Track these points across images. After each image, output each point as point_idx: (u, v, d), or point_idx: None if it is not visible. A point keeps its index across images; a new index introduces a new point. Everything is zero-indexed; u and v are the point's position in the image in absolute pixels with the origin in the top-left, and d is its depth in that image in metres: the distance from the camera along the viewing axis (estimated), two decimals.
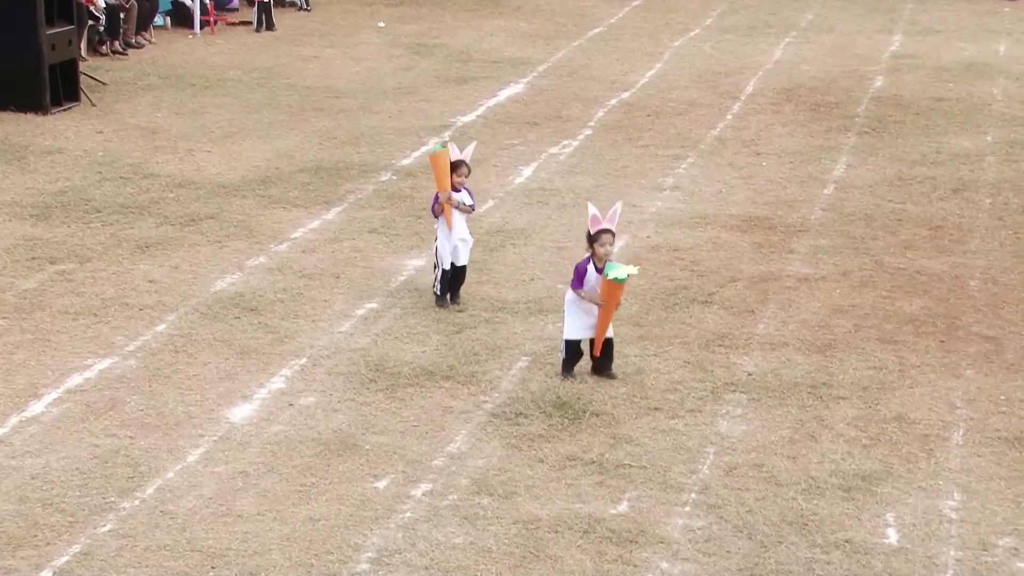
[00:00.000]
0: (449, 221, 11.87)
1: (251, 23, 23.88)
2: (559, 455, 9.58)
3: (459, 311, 11.97)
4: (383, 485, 9.16)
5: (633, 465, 9.46)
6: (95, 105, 18.49)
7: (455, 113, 18.68)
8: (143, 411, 10.12)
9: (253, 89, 19.72)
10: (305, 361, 11.02)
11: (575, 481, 9.25)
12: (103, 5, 21.35)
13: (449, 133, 17.60)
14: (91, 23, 21.16)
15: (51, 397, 10.32)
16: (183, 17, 23.76)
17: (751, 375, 10.91)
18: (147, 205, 14.65)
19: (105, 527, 8.58)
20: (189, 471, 9.29)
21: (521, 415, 10.14)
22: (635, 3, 27.29)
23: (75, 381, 10.59)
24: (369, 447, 9.65)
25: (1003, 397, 10.65)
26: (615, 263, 10.60)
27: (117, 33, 21.60)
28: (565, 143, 17.42)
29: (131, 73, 20.41)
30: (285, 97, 19.29)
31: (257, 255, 13.31)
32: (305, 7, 25.77)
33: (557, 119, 18.53)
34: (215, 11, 23.99)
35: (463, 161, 11.86)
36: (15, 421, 9.93)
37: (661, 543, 8.53)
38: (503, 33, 24.10)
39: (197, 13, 23.47)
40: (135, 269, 12.88)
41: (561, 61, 22.08)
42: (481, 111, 18.86)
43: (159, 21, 23.36)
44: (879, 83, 20.77)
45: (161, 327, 11.60)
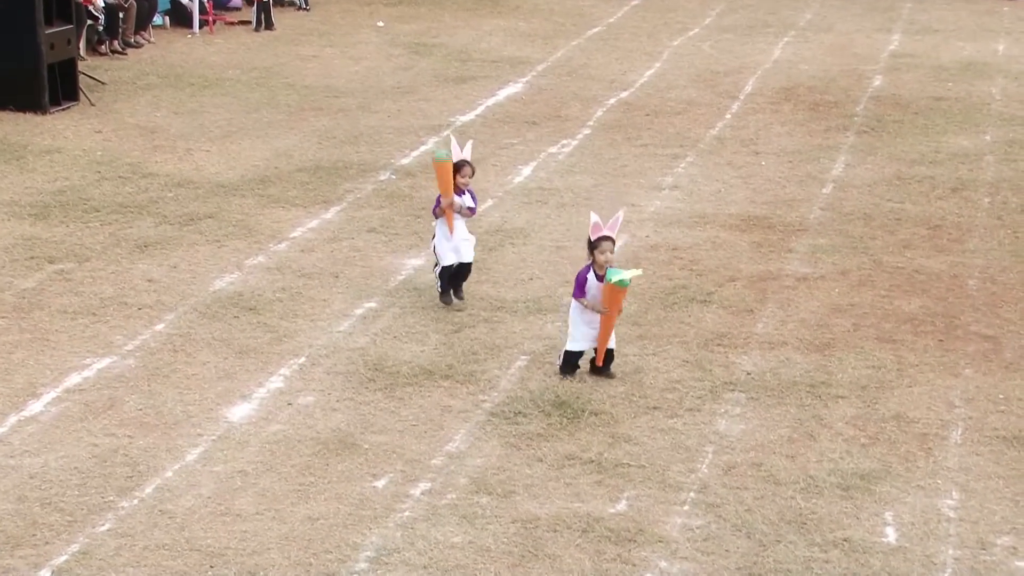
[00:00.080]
0: (450, 224, 11.87)
1: (250, 22, 23.88)
2: (558, 454, 9.58)
3: (459, 310, 11.97)
4: (382, 484, 9.16)
5: (632, 464, 9.46)
6: (94, 105, 18.49)
7: (454, 112, 18.68)
8: (142, 410, 10.12)
9: (252, 88, 19.72)
10: (304, 360, 11.02)
11: (574, 480, 9.25)
12: (102, 5, 21.34)
13: (447, 132, 17.61)
14: (90, 23, 21.15)
15: (50, 396, 10.32)
16: (182, 17, 23.75)
17: (750, 374, 10.92)
18: (146, 204, 14.65)
19: (104, 526, 8.58)
20: (188, 470, 9.29)
21: (520, 414, 10.14)
22: (634, 2, 27.29)
23: (74, 380, 10.59)
24: (368, 446, 9.65)
25: (1001, 396, 10.65)
26: (616, 268, 10.61)
27: (116, 33, 21.60)
28: (564, 142, 17.42)
29: (130, 73, 20.40)
30: (284, 96, 19.29)
31: (256, 254, 13.31)
32: (304, 6, 25.76)
33: (556, 118, 18.53)
34: (214, 10, 23.98)
35: (467, 162, 11.83)
36: (14, 420, 9.93)
37: (660, 542, 8.53)
38: (502, 32, 24.10)
39: (196, 13, 23.46)
40: (134, 268, 12.88)
41: (560, 60, 22.08)
42: (480, 110, 18.86)
43: (158, 21, 23.36)
44: (878, 82, 20.77)
45: (160, 326, 11.60)
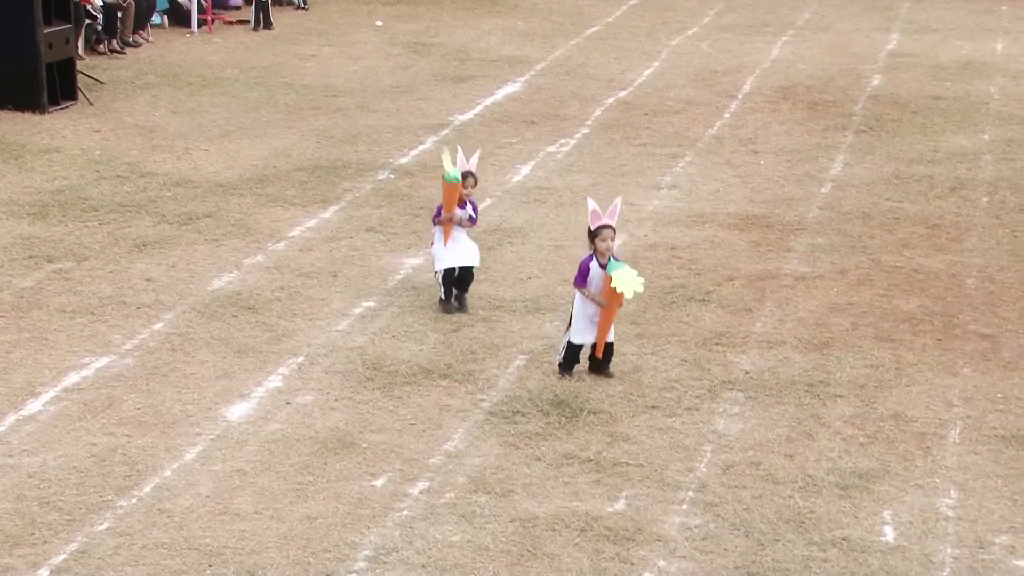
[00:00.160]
0: (446, 237, 11.77)
1: (248, 22, 23.87)
2: (556, 453, 9.59)
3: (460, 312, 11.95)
4: (380, 483, 9.16)
5: (630, 463, 9.46)
6: (92, 104, 18.48)
7: (453, 112, 18.67)
8: (140, 410, 10.12)
9: (251, 88, 19.71)
10: (302, 359, 11.02)
11: (572, 479, 9.25)
12: (100, 4, 21.34)
13: (446, 132, 17.61)
14: (88, 22, 21.15)
15: (48, 396, 10.32)
16: (180, 16, 23.75)
17: (748, 373, 10.92)
18: (144, 204, 14.64)
19: (102, 525, 8.58)
20: (186, 469, 9.29)
21: (518, 413, 10.14)
22: (632, 2, 27.29)
23: (72, 380, 10.59)
24: (366, 445, 9.65)
25: (1000, 395, 10.65)
26: (620, 263, 10.55)
27: (114, 32, 21.59)
28: (563, 142, 17.42)
29: (128, 72, 20.40)
30: (283, 96, 19.29)
31: (254, 254, 13.31)
32: (303, 6, 25.75)
33: (555, 118, 18.53)
34: (212, 10, 23.97)
35: (470, 172, 11.78)
36: (12, 420, 9.93)
37: (658, 541, 8.53)
38: (501, 32, 24.10)
39: (195, 12, 23.46)
40: (132, 268, 12.88)
41: (559, 60, 22.08)
42: (479, 110, 18.86)
43: (156, 20, 23.35)
44: (876, 82, 20.78)
45: (158, 326, 11.60)
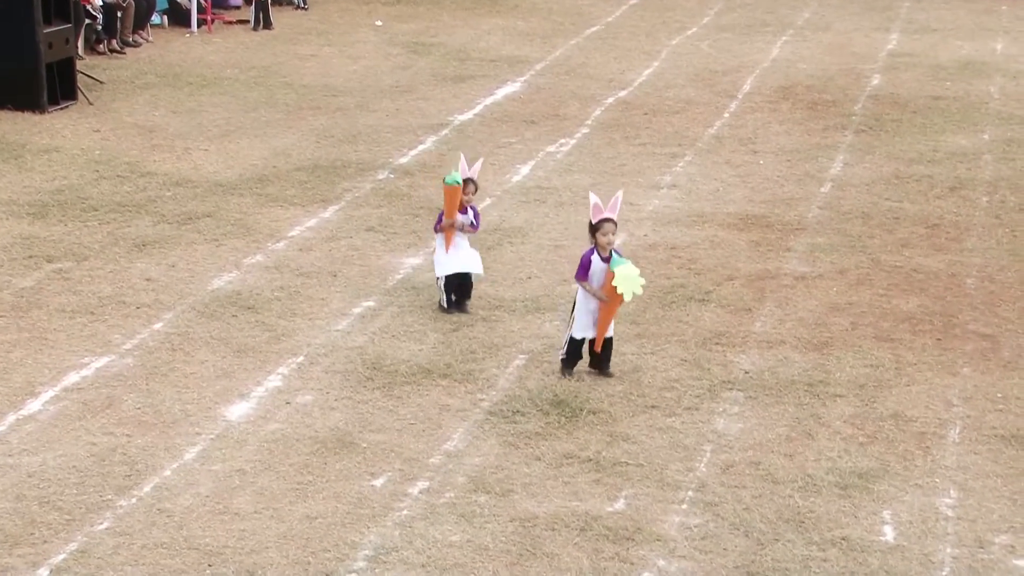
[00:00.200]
0: (447, 244, 11.73)
1: (248, 22, 23.87)
2: (556, 453, 9.59)
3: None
4: (380, 483, 9.17)
5: (630, 463, 9.46)
6: (92, 104, 18.48)
7: (452, 112, 18.67)
8: (140, 409, 10.12)
9: (250, 88, 19.71)
10: (302, 359, 11.02)
11: (572, 479, 9.25)
12: (100, 4, 21.34)
13: (446, 132, 17.62)
14: (88, 22, 21.15)
15: (48, 395, 10.32)
16: (180, 16, 23.75)
17: (748, 373, 10.92)
18: (144, 204, 14.64)
19: (102, 525, 8.58)
20: (186, 469, 9.29)
21: (518, 413, 10.14)
22: (632, 1, 27.29)
23: (72, 379, 10.59)
24: (366, 445, 9.65)
25: (1000, 395, 10.65)
26: (623, 260, 10.51)
27: (114, 32, 21.59)
28: (562, 141, 17.42)
29: (128, 72, 20.40)
30: (282, 96, 19.29)
31: (254, 253, 13.31)
32: (302, 6, 25.75)
33: (554, 117, 18.53)
34: (212, 10, 23.97)
35: (471, 179, 11.74)
36: (12, 419, 9.93)
37: (658, 541, 8.54)
38: (500, 32, 24.10)
39: (194, 12, 23.46)
40: (132, 267, 12.88)
41: (558, 60, 22.08)
42: (478, 109, 18.86)
43: (156, 20, 23.35)
44: (876, 81, 20.78)
45: (158, 325, 11.61)
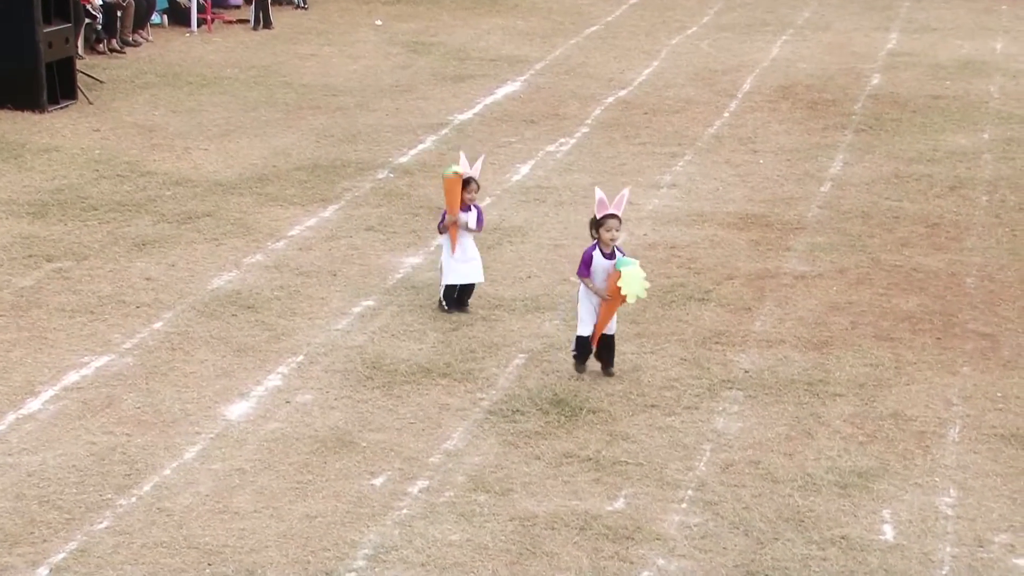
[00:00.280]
0: (453, 244, 11.71)
1: (248, 21, 23.87)
2: (556, 452, 9.59)
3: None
4: (380, 482, 9.17)
5: (629, 462, 9.46)
6: (92, 103, 18.48)
7: (452, 111, 18.67)
8: (140, 408, 10.13)
9: (250, 87, 19.72)
10: (302, 358, 11.02)
11: (572, 478, 9.25)
12: (100, 3, 21.34)
13: (445, 131, 17.62)
14: (88, 21, 21.15)
15: (48, 394, 10.32)
16: (180, 15, 23.75)
17: (748, 372, 10.92)
18: (144, 203, 14.65)
19: (102, 524, 8.58)
20: (186, 468, 9.29)
21: (518, 412, 10.14)
22: (632, 1, 27.29)
23: (72, 379, 10.59)
24: (366, 444, 9.65)
25: (999, 394, 10.66)
26: (629, 259, 10.49)
27: (114, 31, 21.59)
28: (562, 141, 17.42)
29: (128, 71, 20.40)
30: (282, 95, 19.29)
31: (254, 253, 13.31)
32: (302, 5, 25.75)
33: (554, 117, 18.53)
34: (212, 9, 23.97)
35: (473, 178, 11.71)
36: (12, 419, 9.94)
37: (657, 540, 8.54)
38: (500, 31, 24.10)
39: (194, 11, 23.47)
40: (132, 267, 12.88)
41: (558, 59, 22.08)
42: (478, 109, 18.86)
43: (156, 19, 23.35)
44: (876, 81, 20.78)
45: (158, 325, 11.61)
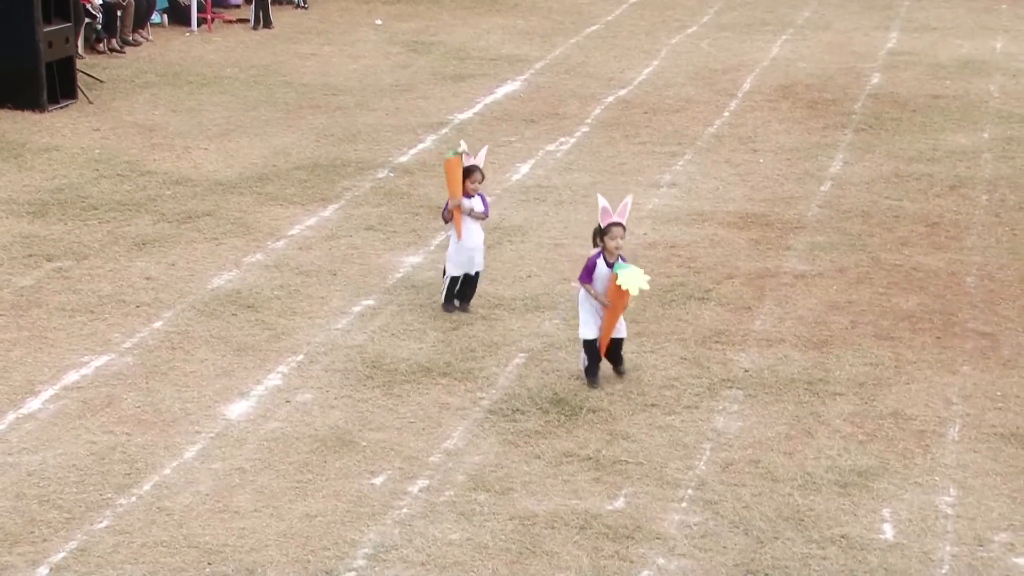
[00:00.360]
0: (458, 229, 11.68)
1: (248, 20, 23.87)
2: (556, 451, 9.59)
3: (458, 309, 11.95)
4: (380, 481, 9.17)
5: (629, 461, 9.47)
6: (92, 103, 18.48)
7: (452, 110, 18.67)
8: (140, 408, 10.13)
9: (250, 87, 19.71)
10: (302, 358, 11.02)
11: (571, 477, 9.26)
12: (100, 2, 21.33)
13: (445, 130, 17.62)
14: (88, 21, 21.15)
15: (48, 394, 10.33)
16: (180, 15, 23.74)
17: (747, 371, 10.92)
18: (144, 202, 14.65)
19: (102, 523, 8.59)
20: (186, 468, 9.29)
21: (518, 411, 10.14)
22: (632, 0, 27.29)
23: (72, 378, 10.59)
24: (366, 443, 9.66)
25: (999, 393, 10.66)
26: (627, 264, 10.49)
27: (114, 31, 21.59)
28: (562, 140, 17.42)
29: (128, 71, 20.40)
30: (282, 95, 19.29)
31: (254, 252, 13.31)
32: (302, 5, 25.74)
33: (554, 116, 18.53)
34: (212, 8, 23.97)
35: (477, 167, 11.67)
36: (12, 418, 9.94)
37: (657, 539, 8.54)
38: (500, 30, 24.10)
39: (194, 11, 23.46)
40: (132, 266, 12.88)
41: (558, 58, 22.07)
42: (478, 108, 18.86)
43: (156, 19, 23.35)
44: (876, 80, 20.77)
45: (158, 324, 11.61)
